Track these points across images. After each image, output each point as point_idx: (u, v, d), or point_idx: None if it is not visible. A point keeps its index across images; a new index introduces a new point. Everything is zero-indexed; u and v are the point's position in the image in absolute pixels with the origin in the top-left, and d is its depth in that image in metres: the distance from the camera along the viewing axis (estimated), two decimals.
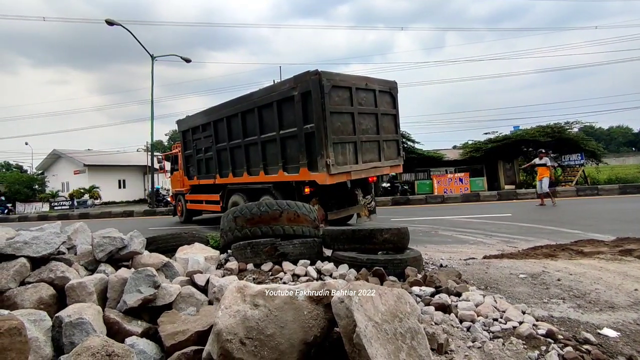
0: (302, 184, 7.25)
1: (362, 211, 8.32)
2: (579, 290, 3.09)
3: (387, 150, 8.10)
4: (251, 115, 8.22)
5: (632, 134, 73.99)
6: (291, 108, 7.19)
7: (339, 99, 6.99)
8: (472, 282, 3.41)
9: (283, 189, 7.71)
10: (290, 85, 7.18)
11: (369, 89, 7.65)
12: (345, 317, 1.74)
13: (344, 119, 7.09)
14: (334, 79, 6.85)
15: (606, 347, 2.22)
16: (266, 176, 8.01)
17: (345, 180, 7.12)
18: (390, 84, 8.28)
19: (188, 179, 11.47)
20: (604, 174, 19.16)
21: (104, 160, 32.60)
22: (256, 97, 8.10)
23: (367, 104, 7.62)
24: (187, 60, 20.77)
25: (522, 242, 6.09)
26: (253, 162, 8.42)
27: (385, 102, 8.14)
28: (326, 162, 6.55)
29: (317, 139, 6.68)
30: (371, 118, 7.74)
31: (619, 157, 41.58)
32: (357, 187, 8.18)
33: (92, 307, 2.29)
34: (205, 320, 2.30)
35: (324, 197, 7.57)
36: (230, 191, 9.22)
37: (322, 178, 6.68)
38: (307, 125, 6.89)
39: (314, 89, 6.65)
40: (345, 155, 7.06)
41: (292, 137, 7.29)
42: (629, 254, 4.32)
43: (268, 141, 7.91)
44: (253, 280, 3.39)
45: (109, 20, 17.58)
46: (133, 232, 3.29)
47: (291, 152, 7.41)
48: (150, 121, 20.21)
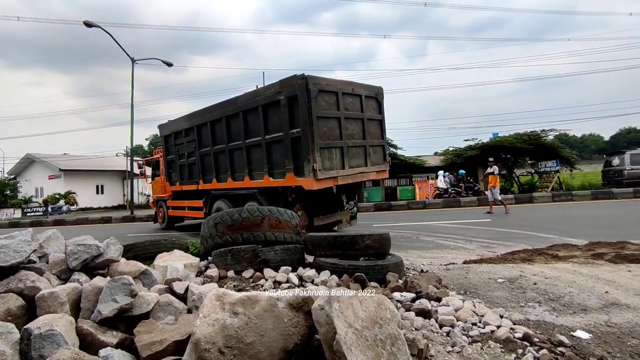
0: (288, 189, 7.18)
1: (344, 217, 8.30)
2: (554, 294, 3.18)
3: (373, 155, 8.07)
4: (236, 119, 8.10)
5: (603, 142, 77.06)
6: (277, 112, 7.10)
7: (326, 103, 6.93)
8: (452, 287, 3.46)
9: (269, 195, 7.60)
10: (276, 90, 7.08)
11: (355, 94, 7.64)
12: (325, 324, 1.73)
13: (331, 123, 7.03)
14: (321, 83, 6.81)
15: (579, 349, 2.28)
16: (251, 182, 7.88)
17: (332, 185, 7.07)
18: (376, 90, 8.30)
19: (170, 185, 11.24)
20: (577, 180, 19.85)
21: (81, 164, 31.60)
22: (241, 101, 7.99)
23: (353, 109, 7.60)
24: (168, 64, 20.49)
25: (500, 247, 6.23)
26: (238, 167, 8.29)
27: (372, 108, 8.15)
28: (313, 167, 6.46)
29: (304, 144, 6.60)
30: (357, 123, 7.71)
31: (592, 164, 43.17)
32: (342, 192, 8.13)
33: (64, 317, 2.20)
34: (183, 329, 2.24)
35: (310, 203, 7.49)
36: (214, 197, 9.06)
37: (308, 183, 6.58)
38: (293, 130, 6.80)
39: (301, 93, 6.59)
40: (332, 160, 6.99)
41: (278, 142, 7.20)
42: (600, 258, 4.48)
43: (253, 146, 7.79)
44: (234, 288, 3.34)
45: (87, 22, 17.19)
46: (109, 239, 3.19)
47: (277, 157, 7.30)
48: (130, 125, 19.78)
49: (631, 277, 3.60)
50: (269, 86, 7.39)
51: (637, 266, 4.03)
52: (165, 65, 20.44)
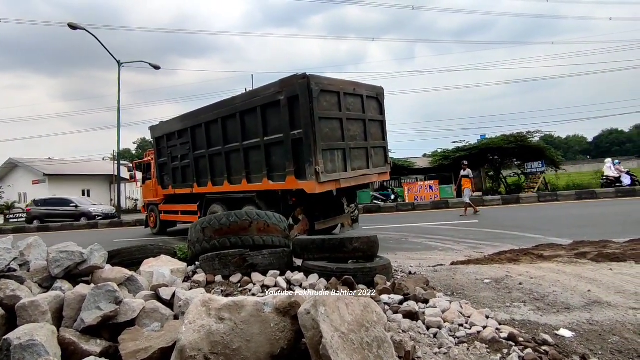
0: (289, 192, 6.94)
1: (346, 220, 8.11)
2: (539, 293, 3.23)
3: (375, 157, 7.89)
4: (232, 121, 7.83)
5: (587, 143, 78.95)
6: (277, 113, 6.85)
7: (327, 104, 6.72)
8: (439, 289, 3.49)
9: (268, 198, 7.36)
10: (275, 90, 6.83)
11: (356, 94, 7.46)
12: (311, 329, 1.73)
13: (333, 125, 6.83)
14: (322, 83, 6.59)
15: (562, 347, 2.33)
16: (249, 185, 7.61)
17: (334, 188, 6.85)
18: (377, 90, 8.13)
19: (162, 189, 10.87)
20: (562, 180, 20.24)
21: (66, 169, 31.02)
22: (238, 102, 7.74)
23: (355, 110, 7.41)
24: (156, 67, 20.29)
25: (488, 248, 6.31)
26: (235, 170, 8.00)
27: (373, 108, 7.96)
28: (315, 169, 6.23)
29: (306, 146, 6.37)
30: (359, 124, 7.53)
31: (576, 165, 44.22)
32: (342, 195, 7.94)
33: (45, 327, 2.15)
34: (170, 336, 2.22)
35: (310, 207, 7.30)
36: (210, 201, 8.79)
37: (310, 186, 6.36)
38: (294, 132, 6.57)
39: (302, 93, 6.36)
40: (335, 162, 6.78)
41: (278, 144, 6.94)
42: (583, 257, 4.58)
43: (251, 148, 7.51)
44: (221, 293, 3.31)
45: (72, 24, 16.92)
46: (93, 246, 3.14)
47: (277, 160, 7.05)
48: (117, 129, 19.51)
49: (612, 275, 3.69)
50: (267, 86, 7.10)
51: (618, 265, 4.12)
52: (153, 68, 20.24)
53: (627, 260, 4.31)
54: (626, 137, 71.60)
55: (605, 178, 16.44)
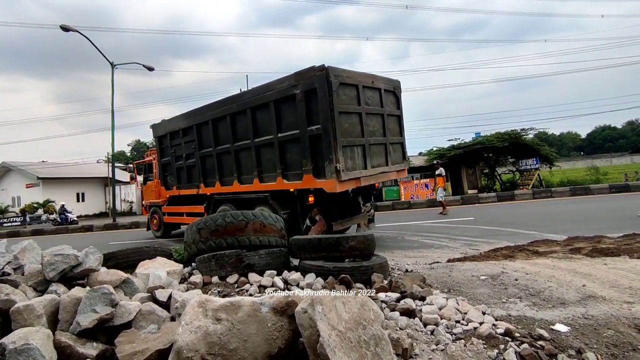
0: (306, 192, 6.57)
1: (363, 220, 7.80)
2: (534, 289, 3.25)
3: (393, 153, 7.53)
4: (243, 117, 7.42)
5: (580, 140, 79.65)
6: (292, 108, 6.46)
7: (347, 97, 6.36)
8: (436, 286, 3.50)
9: (282, 199, 6.96)
10: (290, 83, 6.43)
11: (375, 88, 7.11)
12: (308, 328, 1.73)
13: (352, 119, 6.47)
14: (341, 75, 6.20)
15: (558, 342, 2.34)
16: (261, 184, 7.21)
17: (355, 187, 6.54)
18: (394, 83, 7.78)
19: (166, 189, 10.41)
20: (556, 177, 20.41)
21: (60, 172, 30.70)
22: (248, 97, 7.33)
23: (373, 104, 7.07)
24: (149, 69, 20.16)
25: (484, 245, 6.35)
26: (245, 169, 7.62)
27: (390, 102, 7.61)
28: (336, 167, 5.89)
29: (325, 142, 6.00)
30: (377, 119, 7.18)
31: (570, 161, 44.60)
32: (358, 194, 7.65)
33: (40, 331, 2.14)
34: (166, 338, 2.21)
35: (327, 207, 6.98)
36: (218, 202, 8.38)
37: (330, 185, 6.00)
38: (312, 127, 6.19)
39: (321, 86, 5.98)
40: (354, 159, 6.43)
41: (294, 141, 6.55)
42: (578, 252, 4.62)
43: (264, 145, 7.10)
44: (218, 294, 3.30)
45: (64, 26, 16.78)
46: (88, 248, 3.12)
47: (292, 158, 6.68)
48: (111, 131, 19.37)
49: (607, 270, 3.72)
50: (281, 79, 6.70)
51: (612, 259, 4.16)
52: (147, 69, 20.12)
53: (621, 254, 4.35)
54: (619, 133, 72.31)
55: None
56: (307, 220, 6.66)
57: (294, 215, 6.69)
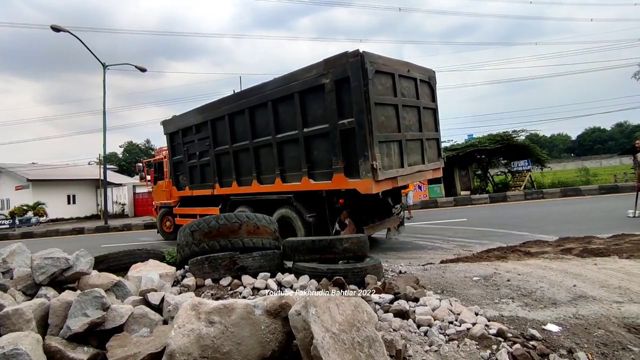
0: (336, 193, 6.01)
1: (393, 224, 7.26)
2: (526, 289, 3.28)
3: (429, 150, 6.94)
4: (263, 111, 6.82)
5: (571, 141, 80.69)
6: (320, 100, 5.88)
7: (382, 87, 5.75)
8: (429, 287, 3.52)
9: (308, 200, 6.36)
10: (318, 72, 5.82)
11: (410, 77, 6.53)
12: (302, 330, 1.72)
13: (388, 112, 5.85)
14: (377, 62, 5.61)
15: (550, 342, 2.37)
16: (284, 185, 6.60)
17: (391, 187, 5.93)
18: (429, 73, 7.18)
19: (177, 190, 9.82)
20: (547, 178, 20.63)
21: (50, 174, 30.30)
22: (270, 89, 6.67)
23: (409, 95, 6.45)
24: (142, 70, 20.03)
25: (477, 246, 6.40)
26: (266, 168, 7.02)
27: (425, 94, 7.01)
28: (372, 165, 5.30)
29: (359, 137, 5.41)
30: (414, 112, 6.58)
31: (560, 163, 45.12)
32: (387, 195, 7.00)
33: (29, 335, 2.10)
34: (159, 341, 2.19)
35: (356, 209, 6.47)
36: (235, 203, 7.79)
37: (365, 186, 5.42)
38: (343, 121, 5.59)
39: (355, 74, 5.37)
40: (391, 157, 5.83)
41: (322, 136, 5.95)
42: (569, 253, 4.68)
43: (287, 142, 6.51)
44: (211, 296, 3.28)
45: (55, 27, 16.60)
46: (79, 251, 3.08)
47: (320, 155, 6.07)
48: (103, 132, 19.19)
49: (597, 270, 3.77)
50: (308, 68, 6.07)
51: (602, 259, 4.22)
52: (139, 70, 19.98)
53: (610, 255, 4.41)
54: (608, 135, 73.41)
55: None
56: (337, 224, 6.18)
57: (321, 219, 6.17)
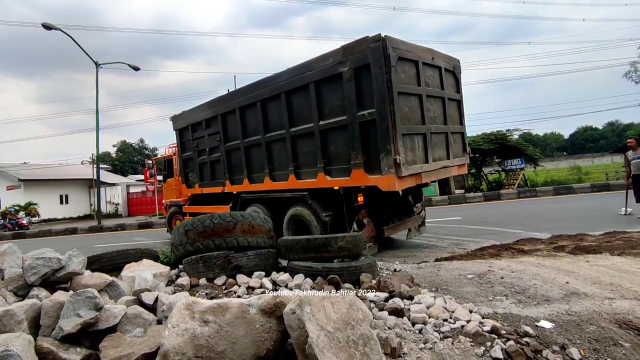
0: (355, 191, 5.60)
1: (414, 224, 6.92)
2: (520, 287, 3.31)
3: (454, 145, 6.47)
4: (276, 103, 6.44)
5: (564, 140, 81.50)
6: (338, 89, 5.50)
7: (406, 75, 5.35)
8: (424, 285, 3.53)
9: (324, 198, 5.95)
10: (335, 59, 5.43)
11: (434, 66, 6.09)
12: (297, 328, 1.72)
13: (412, 102, 5.45)
14: (400, 48, 5.19)
15: (543, 338, 2.39)
16: (298, 181, 6.23)
17: (415, 184, 5.52)
18: (454, 62, 6.71)
19: (187, 187, 9.48)
20: (541, 176, 20.82)
21: (43, 174, 29.99)
22: (283, 80, 6.29)
23: (433, 85, 6.03)
24: (135, 69, 19.86)
25: (471, 244, 6.43)
26: (279, 164, 6.66)
27: (450, 85, 6.55)
28: (395, 160, 4.92)
29: (381, 130, 5.03)
30: (438, 103, 6.15)
31: (553, 161, 45.60)
32: (407, 193, 6.60)
33: (21, 336, 2.07)
34: (153, 342, 2.17)
35: (376, 208, 6.11)
36: (246, 201, 7.44)
37: (387, 182, 5.01)
38: (363, 112, 5.20)
39: (376, 60, 4.98)
40: (415, 151, 5.43)
41: (339, 129, 5.57)
42: (561, 250, 4.72)
43: (302, 136, 6.13)
44: (206, 296, 3.27)
45: (46, 24, 16.40)
46: (72, 251, 3.05)
47: (337, 149, 5.69)
48: (96, 132, 19.01)
49: (589, 267, 3.81)
50: (324, 56, 5.67)
51: (594, 257, 4.27)
52: (132, 69, 19.82)
53: (602, 252, 4.47)
54: (599, 134, 74.25)
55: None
56: (354, 224, 5.80)
57: (338, 218, 5.77)
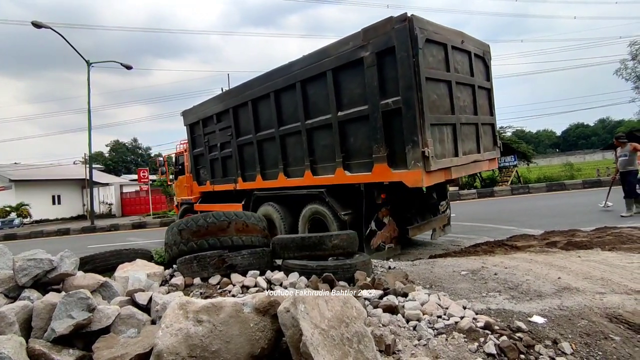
0: (377, 187, 5.15)
1: (439, 224, 6.48)
2: (513, 283, 3.34)
3: (484, 137, 5.94)
4: (290, 93, 6.02)
5: (556, 137, 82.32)
6: (358, 77, 5.05)
7: (434, 59, 4.89)
8: (418, 282, 3.55)
9: (342, 196, 5.54)
10: (355, 44, 4.98)
11: (464, 50, 5.58)
12: (291, 327, 1.72)
13: (440, 89, 4.99)
14: (428, 29, 4.72)
15: (535, 333, 2.42)
16: (315, 177, 5.80)
17: (444, 180, 5.11)
18: (485, 47, 6.17)
19: (198, 185, 9.13)
20: (534, 173, 21.03)
21: (34, 174, 29.65)
22: (298, 68, 5.83)
23: (463, 71, 5.52)
24: (127, 67, 19.69)
25: (465, 240, 6.48)
26: (294, 159, 6.23)
27: (480, 71, 6.03)
28: (422, 153, 4.45)
29: (407, 119, 4.56)
30: (468, 91, 5.63)
31: (546, 158, 46.09)
32: (432, 189, 6.16)
33: (12, 339, 2.05)
34: (147, 342, 2.16)
35: (399, 206, 5.70)
36: (259, 199, 7.02)
37: (414, 178, 4.55)
38: (386, 100, 4.74)
39: (401, 42, 4.51)
40: (444, 143, 4.97)
41: (360, 120, 5.12)
42: (554, 246, 4.77)
43: (318, 128, 5.69)
44: (200, 295, 3.26)
45: (36, 23, 16.19)
46: (64, 252, 3.02)
47: (357, 142, 5.24)
48: (88, 131, 18.82)
49: (580, 262, 3.86)
50: (343, 40, 5.22)
51: (585, 252, 4.32)
52: (125, 68, 19.64)
53: (593, 247, 4.52)
54: (591, 130, 75.10)
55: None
56: (373, 222, 5.36)
57: (358, 217, 5.35)
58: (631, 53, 29.89)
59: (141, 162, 55.94)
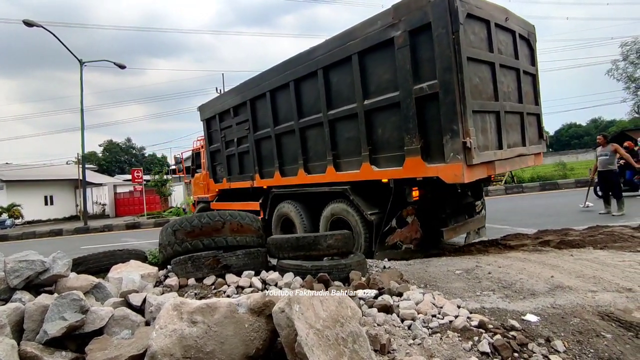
0: (409, 183, 4.66)
1: (474, 226, 5.84)
2: (506, 281, 3.37)
3: (529, 129, 5.26)
4: (312, 82, 5.49)
5: (549, 137, 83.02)
6: (388, 59, 4.49)
7: (476, 38, 4.27)
8: (413, 281, 3.56)
9: (369, 193, 5.05)
10: (385, 23, 4.41)
11: (508, 29, 4.91)
12: (286, 327, 1.72)
13: (483, 72, 4.36)
14: (469, 2, 4.10)
15: (529, 332, 2.44)
16: (338, 173, 5.29)
17: (486, 175, 4.52)
18: (529, 28, 5.44)
19: (215, 182, 8.74)
20: (527, 173, 21.15)
21: (26, 174, 29.32)
22: (320, 54, 5.28)
23: (507, 53, 4.85)
24: (121, 67, 19.53)
25: (459, 240, 6.50)
26: (315, 153, 5.74)
27: (525, 55, 5.31)
28: (464, 143, 3.88)
29: (445, 105, 3.98)
30: (512, 76, 4.98)
31: None
32: (466, 188, 5.61)
33: (3, 341, 2.03)
34: (140, 343, 2.15)
35: (430, 205, 5.12)
36: (277, 197, 6.55)
37: (453, 172, 3.98)
38: (421, 85, 4.17)
39: (439, 18, 3.93)
40: (487, 134, 4.38)
41: (389, 108, 4.56)
42: (547, 245, 4.82)
43: (342, 119, 5.17)
44: (195, 296, 3.24)
45: (27, 21, 16.01)
46: (56, 253, 2.99)
47: (386, 134, 4.69)
48: (81, 131, 18.65)
49: (573, 261, 3.90)
50: (369, 20, 4.65)
51: (578, 251, 4.36)
52: (118, 67, 19.48)
53: (586, 246, 4.57)
54: (583, 130, 75.82)
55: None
56: (394, 220, 4.87)
57: (387, 217, 4.87)
58: (622, 54, 30.20)
59: (135, 162, 55.58)
